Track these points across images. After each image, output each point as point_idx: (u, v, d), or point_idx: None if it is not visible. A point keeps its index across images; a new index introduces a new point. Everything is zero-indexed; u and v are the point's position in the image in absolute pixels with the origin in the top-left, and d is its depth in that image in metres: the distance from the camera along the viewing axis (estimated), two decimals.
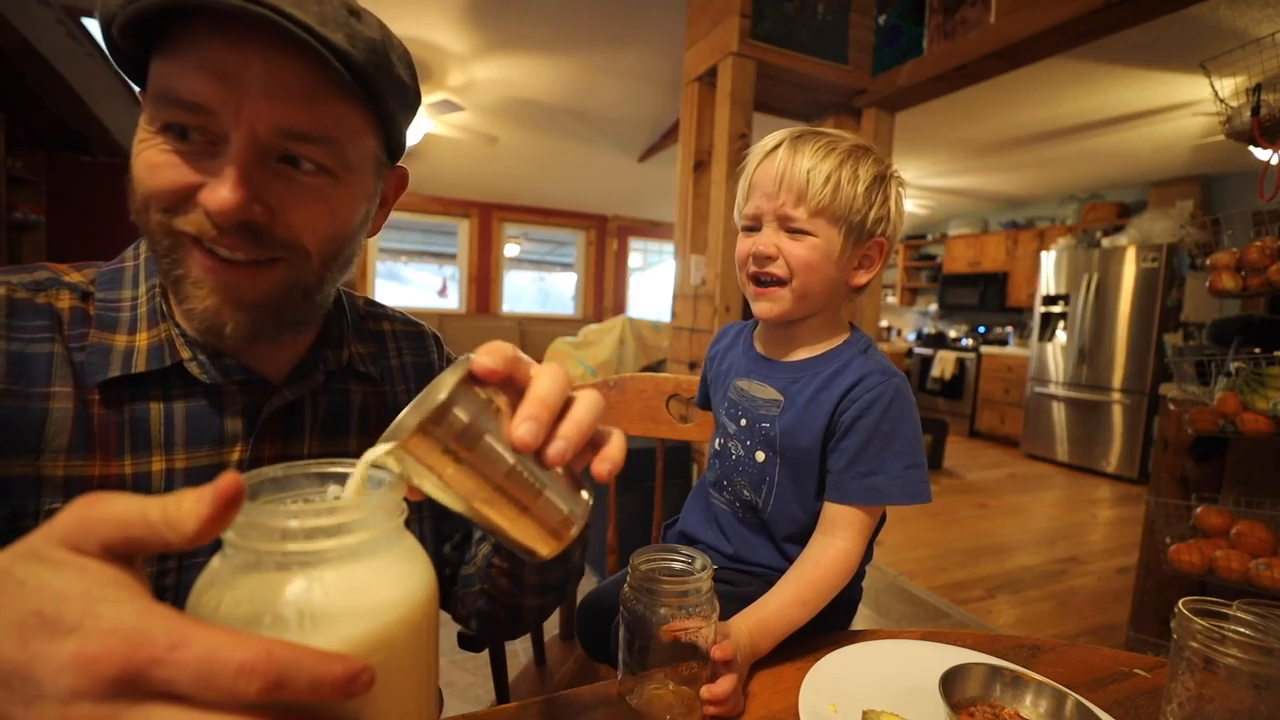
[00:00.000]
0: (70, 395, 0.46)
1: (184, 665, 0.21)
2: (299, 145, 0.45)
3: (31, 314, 0.47)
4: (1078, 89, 3.20)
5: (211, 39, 0.41)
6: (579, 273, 6.82)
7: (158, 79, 0.43)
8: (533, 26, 3.03)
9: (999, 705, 0.50)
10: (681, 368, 2.58)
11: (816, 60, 2.35)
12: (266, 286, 0.47)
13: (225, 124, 0.43)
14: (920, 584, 2.56)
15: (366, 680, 0.23)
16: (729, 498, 0.76)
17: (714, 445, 0.79)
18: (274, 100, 0.43)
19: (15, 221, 4.09)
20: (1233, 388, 1.55)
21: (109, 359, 0.47)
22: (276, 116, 0.43)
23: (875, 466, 0.65)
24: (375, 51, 0.45)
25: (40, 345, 0.46)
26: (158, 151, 0.43)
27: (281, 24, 0.40)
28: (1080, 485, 4.27)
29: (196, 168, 0.43)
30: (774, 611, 0.61)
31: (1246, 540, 1.48)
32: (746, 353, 0.79)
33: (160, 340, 0.49)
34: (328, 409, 0.57)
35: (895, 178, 0.70)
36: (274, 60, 0.42)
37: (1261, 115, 1.50)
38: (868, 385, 0.67)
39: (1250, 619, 0.45)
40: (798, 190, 0.66)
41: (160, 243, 0.46)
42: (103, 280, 0.51)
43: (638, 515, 2.13)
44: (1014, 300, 5.74)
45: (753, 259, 0.69)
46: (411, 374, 0.67)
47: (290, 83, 0.43)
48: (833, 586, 0.64)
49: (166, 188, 0.43)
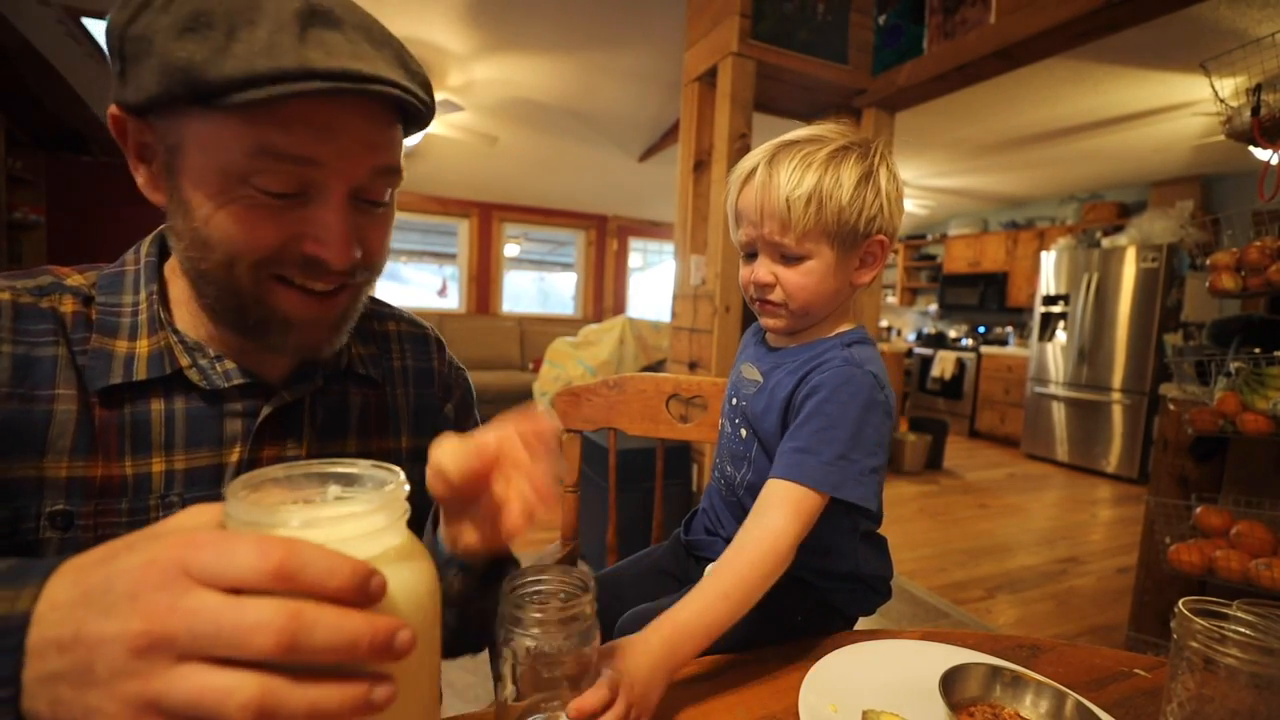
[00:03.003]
0: (74, 398, 0.47)
1: (205, 627, 0.24)
2: (384, 181, 0.49)
3: (36, 318, 0.47)
4: (1078, 89, 3.20)
5: (310, 98, 0.42)
6: (579, 273, 6.81)
7: (246, 136, 0.42)
8: (533, 27, 3.03)
9: (999, 705, 0.50)
10: (681, 368, 2.58)
11: (816, 60, 2.35)
12: (344, 305, 0.51)
13: (327, 175, 0.45)
14: (920, 584, 2.56)
15: (379, 586, 0.27)
16: (718, 475, 0.79)
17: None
18: (368, 148, 0.46)
19: (15, 221, 4.09)
20: (1233, 388, 1.55)
21: (110, 365, 0.48)
22: (371, 163, 0.47)
23: (810, 445, 0.63)
24: (430, 87, 0.49)
25: (45, 349, 0.47)
26: (247, 207, 0.44)
27: (385, 91, 0.43)
28: (1080, 485, 4.27)
29: (293, 219, 0.45)
30: (694, 612, 0.55)
31: (1246, 540, 1.48)
32: (757, 340, 0.80)
33: (160, 348, 0.50)
34: (326, 411, 0.58)
35: (884, 166, 0.67)
36: (365, 111, 0.46)
37: (1261, 115, 1.50)
38: (825, 368, 0.66)
39: (1250, 619, 0.45)
40: (780, 219, 0.65)
41: (247, 291, 0.47)
42: (104, 284, 0.51)
43: (638, 515, 2.13)
44: (1014, 300, 5.73)
45: (753, 286, 0.71)
46: (412, 378, 0.67)
47: (380, 128, 0.47)
48: (761, 572, 0.58)
49: (269, 243, 0.45)
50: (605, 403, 1.01)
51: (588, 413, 1.01)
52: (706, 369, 2.36)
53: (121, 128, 0.47)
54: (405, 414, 0.65)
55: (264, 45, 0.40)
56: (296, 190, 0.45)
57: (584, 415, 1.01)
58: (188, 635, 0.25)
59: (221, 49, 0.40)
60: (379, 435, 0.62)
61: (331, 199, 0.46)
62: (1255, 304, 1.88)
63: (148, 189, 0.48)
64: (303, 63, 0.40)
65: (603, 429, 1.01)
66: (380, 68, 0.43)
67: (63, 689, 0.25)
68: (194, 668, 0.24)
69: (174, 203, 0.46)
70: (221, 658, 0.24)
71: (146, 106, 0.44)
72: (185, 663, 0.25)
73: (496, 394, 4.80)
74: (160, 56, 0.40)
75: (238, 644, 0.24)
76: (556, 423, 0.38)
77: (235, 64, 0.39)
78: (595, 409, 1.01)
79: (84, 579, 0.27)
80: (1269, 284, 1.49)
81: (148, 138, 0.46)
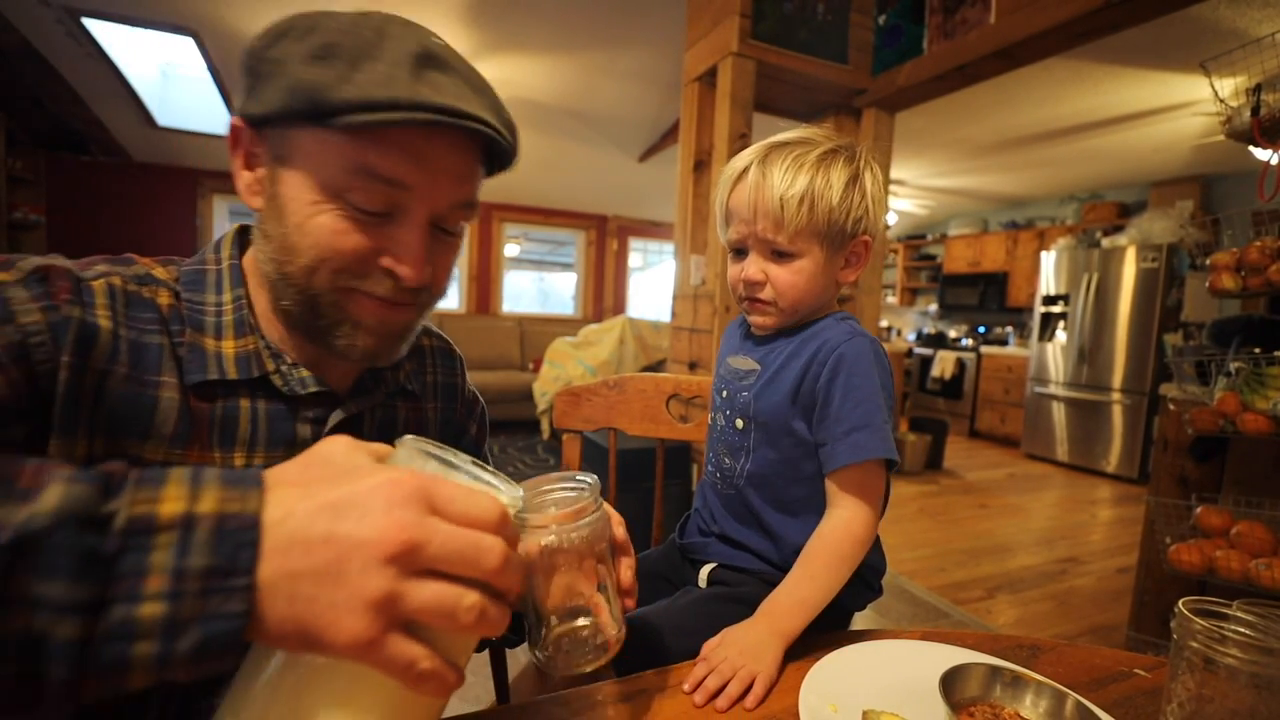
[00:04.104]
0: (175, 387, 0.49)
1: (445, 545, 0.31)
2: (461, 213, 0.53)
3: (142, 306, 0.50)
4: (1078, 89, 3.20)
5: (413, 127, 0.47)
6: (579, 273, 6.81)
7: (349, 155, 0.47)
8: (533, 27, 3.03)
9: (999, 705, 0.50)
10: (681, 368, 2.58)
11: (816, 60, 2.35)
12: (408, 319, 0.55)
13: (413, 199, 0.49)
14: (920, 584, 2.56)
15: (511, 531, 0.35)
16: (712, 468, 0.79)
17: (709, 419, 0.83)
18: (455, 180, 0.51)
19: (15, 221, 4.09)
20: (1233, 388, 1.55)
21: (204, 360, 0.51)
22: (454, 194, 0.51)
23: (858, 423, 0.65)
24: (516, 133, 0.53)
25: (152, 337, 0.50)
26: (338, 218, 0.48)
27: (479, 129, 0.48)
28: (1080, 485, 4.27)
29: (377, 234, 0.49)
30: (786, 592, 0.63)
31: (1246, 540, 1.48)
32: (742, 333, 0.81)
33: (248, 351, 0.53)
34: (380, 424, 0.62)
35: (869, 168, 0.70)
36: (457, 146, 0.50)
37: (1261, 115, 1.50)
38: (833, 344, 0.68)
39: (1250, 619, 0.45)
40: (774, 217, 0.67)
41: (324, 295, 0.50)
42: (186, 281, 0.54)
43: (638, 515, 2.13)
44: (1014, 300, 5.73)
45: (742, 284, 0.72)
46: (441, 392, 0.71)
47: (467, 164, 0.52)
48: (841, 554, 0.64)
49: (352, 252, 0.49)
50: (605, 403, 1.01)
51: (588, 413, 1.01)
52: (706, 369, 2.36)
53: (237, 137, 0.51)
54: (433, 427, 0.69)
55: (382, 77, 0.45)
56: (384, 209, 0.49)
57: (584, 415, 1.01)
58: (434, 548, 0.31)
59: (345, 77, 0.45)
60: None
61: (414, 221, 0.50)
62: (1255, 304, 1.88)
63: (247, 194, 0.52)
64: (414, 96, 0.45)
65: (603, 429, 1.01)
66: (477, 109, 0.48)
67: (304, 585, 0.29)
68: (429, 578, 0.31)
69: (270, 208, 0.50)
70: (445, 572, 0.31)
71: (265, 119, 0.48)
72: (421, 572, 0.31)
73: (497, 394, 4.79)
74: (289, 77, 0.46)
75: (471, 563, 0.32)
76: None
77: (354, 90, 0.44)
78: (595, 409, 1.01)
79: (317, 493, 0.31)
80: (1269, 284, 1.49)
81: (258, 148, 0.51)
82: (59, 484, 0.28)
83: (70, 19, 2.98)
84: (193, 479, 0.30)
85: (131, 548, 0.27)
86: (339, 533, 0.30)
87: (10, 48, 3.18)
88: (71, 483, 0.28)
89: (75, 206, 4.59)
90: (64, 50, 3.27)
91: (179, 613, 0.27)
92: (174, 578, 0.28)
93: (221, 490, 0.30)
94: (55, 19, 2.98)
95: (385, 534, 0.30)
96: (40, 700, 0.26)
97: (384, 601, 0.29)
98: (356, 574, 0.29)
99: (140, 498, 0.29)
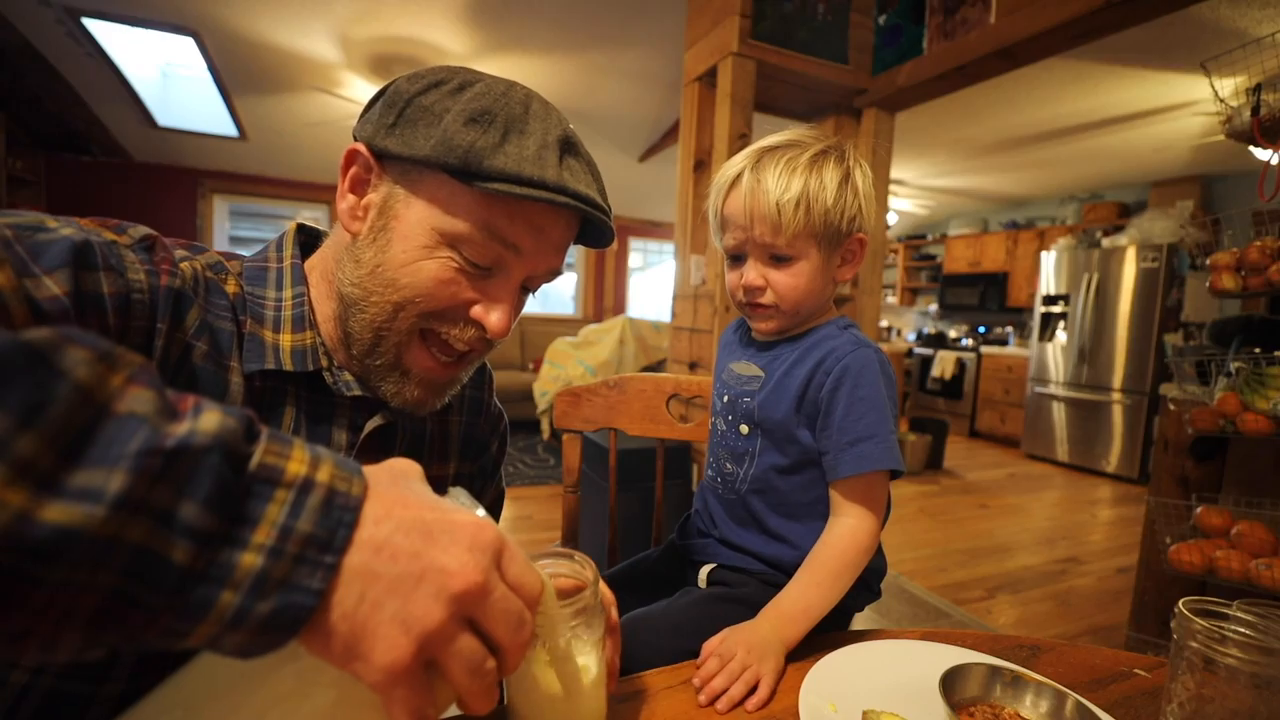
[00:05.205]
0: (240, 372, 0.51)
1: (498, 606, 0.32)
2: (547, 278, 0.57)
3: (218, 293, 0.52)
4: (1078, 89, 3.20)
5: (543, 204, 0.51)
6: (579, 273, 6.81)
7: (477, 212, 0.50)
8: (533, 27, 3.03)
9: (999, 705, 0.50)
10: (681, 368, 2.58)
11: (816, 60, 2.35)
12: (455, 376, 0.58)
13: (517, 261, 0.53)
14: (920, 584, 2.56)
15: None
16: (713, 473, 0.79)
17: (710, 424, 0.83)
18: (556, 251, 0.55)
19: None
20: (1233, 388, 1.55)
21: (264, 350, 0.52)
22: (553, 262, 0.56)
23: (862, 434, 0.66)
24: (611, 212, 0.57)
25: (224, 323, 0.51)
26: (446, 266, 0.51)
27: (599, 217, 0.53)
28: (1080, 485, 4.27)
29: (474, 288, 0.53)
30: (791, 599, 0.63)
31: (1246, 540, 1.48)
32: (742, 338, 0.81)
33: (304, 345, 0.54)
34: (412, 434, 0.63)
35: (858, 165, 0.70)
36: (567, 224, 0.55)
37: (1261, 115, 1.50)
38: (839, 355, 0.68)
39: (1250, 619, 0.45)
40: (771, 222, 0.67)
41: (395, 335, 0.53)
42: (249, 275, 0.55)
43: (638, 515, 2.13)
44: (1014, 300, 5.73)
45: (742, 290, 0.72)
46: (467, 405, 0.72)
47: (569, 239, 0.56)
48: (846, 562, 0.64)
49: (449, 299, 0.52)
50: (605, 403, 1.01)
51: (588, 413, 1.01)
52: (706, 369, 2.36)
53: (352, 160, 0.53)
54: (456, 439, 0.70)
55: (533, 155, 0.49)
56: (489, 265, 0.52)
57: (584, 415, 1.01)
58: (493, 601, 0.32)
59: (497, 145, 0.48)
60: (439, 460, 0.68)
61: (512, 279, 0.54)
62: (1255, 304, 1.88)
63: (347, 216, 0.54)
64: (560, 180, 0.50)
65: (603, 429, 1.01)
66: (597, 196, 0.53)
67: (377, 589, 0.29)
68: (471, 629, 0.32)
69: (374, 237, 0.52)
70: (483, 627, 0.32)
71: (398, 157, 0.50)
72: (469, 620, 0.32)
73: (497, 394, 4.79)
74: (445, 131, 0.48)
75: (514, 628, 0.33)
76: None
77: (506, 160, 0.48)
78: (595, 409, 1.01)
79: (413, 508, 0.32)
80: (1269, 284, 1.49)
81: (373, 177, 0.53)
82: (215, 412, 0.28)
83: (70, 19, 2.98)
84: (311, 447, 0.31)
85: (255, 494, 0.28)
86: (427, 553, 0.30)
87: (10, 48, 3.18)
88: (225, 414, 0.28)
89: (75, 207, 4.59)
90: (64, 50, 3.27)
91: (271, 571, 0.27)
92: (280, 534, 0.28)
93: (335, 467, 0.30)
94: (55, 19, 2.98)
95: (464, 570, 0.31)
96: (120, 626, 0.25)
97: (436, 633, 0.30)
98: (426, 598, 0.30)
99: (272, 449, 0.29)
